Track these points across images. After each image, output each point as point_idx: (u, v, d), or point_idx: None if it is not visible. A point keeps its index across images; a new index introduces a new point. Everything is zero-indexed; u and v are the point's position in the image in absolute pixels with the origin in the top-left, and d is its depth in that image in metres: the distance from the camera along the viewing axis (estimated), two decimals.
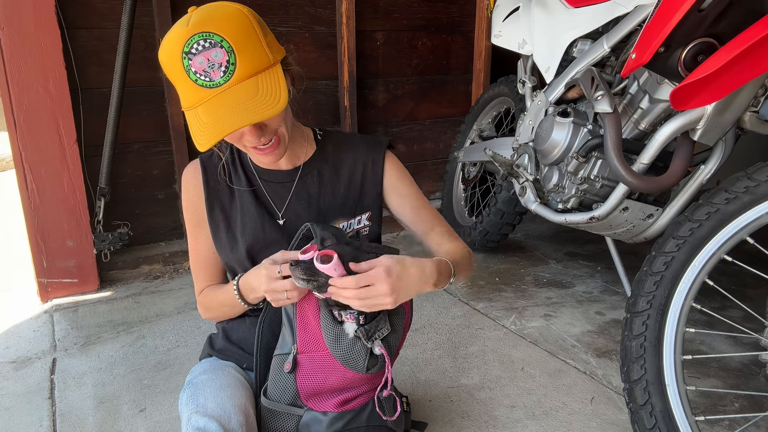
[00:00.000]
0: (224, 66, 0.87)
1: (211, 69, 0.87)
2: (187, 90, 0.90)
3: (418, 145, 3.11)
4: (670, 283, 1.22)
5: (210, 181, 1.13)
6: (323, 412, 1.05)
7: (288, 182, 1.13)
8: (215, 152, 1.15)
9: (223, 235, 1.13)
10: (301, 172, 1.13)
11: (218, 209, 1.13)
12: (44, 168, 2.04)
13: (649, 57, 1.23)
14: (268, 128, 0.96)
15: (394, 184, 1.18)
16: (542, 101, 1.88)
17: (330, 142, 1.17)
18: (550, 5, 1.94)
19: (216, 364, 1.16)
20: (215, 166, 1.14)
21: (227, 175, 1.13)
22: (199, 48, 0.86)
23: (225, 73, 0.87)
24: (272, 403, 1.07)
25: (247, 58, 0.89)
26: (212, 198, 1.13)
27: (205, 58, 0.87)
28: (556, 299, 2.17)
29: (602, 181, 1.67)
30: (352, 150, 1.16)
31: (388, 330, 1.02)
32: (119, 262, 2.33)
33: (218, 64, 0.87)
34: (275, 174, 1.13)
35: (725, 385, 1.61)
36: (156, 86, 2.32)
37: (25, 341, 1.87)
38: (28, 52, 1.94)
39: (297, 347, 1.06)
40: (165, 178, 2.44)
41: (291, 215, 1.12)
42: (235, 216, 1.13)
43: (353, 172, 1.15)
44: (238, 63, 0.88)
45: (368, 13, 2.75)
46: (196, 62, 0.87)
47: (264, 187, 1.13)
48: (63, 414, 1.49)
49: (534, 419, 1.47)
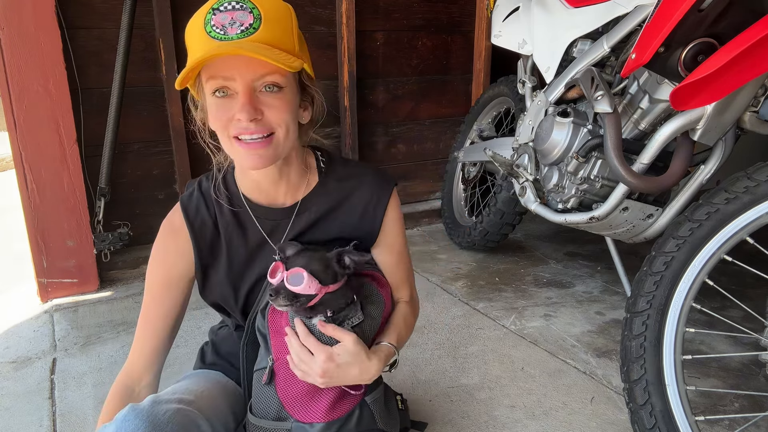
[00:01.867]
0: (245, 27, 0.83)
1: (231, 26, 0.83)
2: (197, 44, 0.85)
3: (418, 145, 3.11)
4: (670, 283, 1.22)
5: (195, 224, 1.04)
6: (310, 424, 1.01)
7: (285, 220, 1.05)
8: (195, 195, 1.05)
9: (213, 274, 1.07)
10: (298, 208, 1.05)
11: (207, 250, 1.06)
12: (44, 168, 2.04)
13: (649, 57, 1.23)
14: (266, 116, 0.89)
15: (389, 230, 1.11)
16: (542, 101, 1.88)
17: (333, 176, 1.07)
18: (550, 5, 1.94)
19: (203, 371, 1.17)
20: (196, 213, 1.04)
21: (214, 217, 1.05)
22: (229, 7, 0.84)
23: (242, 32, 0.83)
24: (259, 420, 1.04)
25: (273, 30, 0.85)
26: (200, 241, 1.05)
27: (229, 16, 0.84)
28: (556, 299, 2.17)
29: (602, 181, 1.67)
30: (356, 187, 1.07)
31: (360, 319, 1.00)
32: (119, 262, 2.33)
33: (240, 23, 0.83)
34: (272, 212, 1.05)
35: (725, 385, 1.61)
36: (156, 86, 2.32)
37: (25, 341, 1.87)
38: (28, 52, 1.94)
39: (272, 356, 1.03)
40: (165, 178, 2.44)
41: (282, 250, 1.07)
42: (219, 253, 1.06)
43: (351, 215, 1.08)
44: (261, 29, 0.84)
45: (368, 13, 2.75)
46: (219, 17, 0.84)
47: (260, 225, 1.05)
48: (63, 414, 1.49)
49: (534, 419, 1.47)
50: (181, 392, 1.00)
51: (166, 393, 0.99)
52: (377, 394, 1.09)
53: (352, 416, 1.03)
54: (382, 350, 1.02)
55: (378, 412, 1.08)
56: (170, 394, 0.97)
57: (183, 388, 1.03)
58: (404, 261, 1.17)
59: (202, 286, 1.09)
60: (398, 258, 1.15)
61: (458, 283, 2.33)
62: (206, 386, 1.07)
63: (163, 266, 1.07)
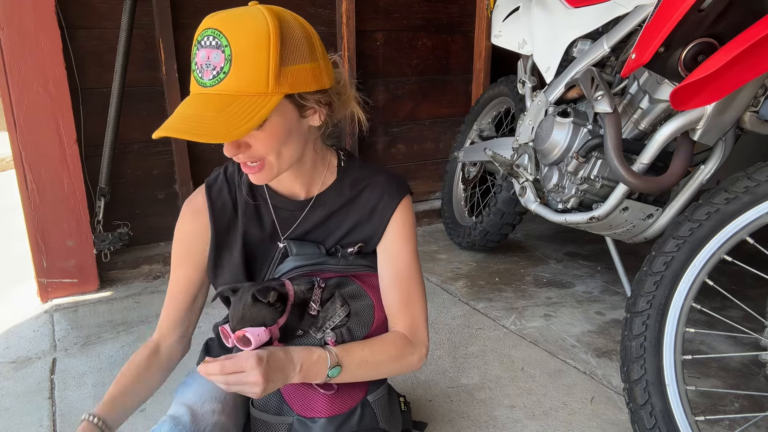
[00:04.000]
0: (216, 71, 0.86)
1: (207, 67, 0.86)
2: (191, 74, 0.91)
3: (418, 145, 3.11)
4: (670, 283, 1.22)
5: (216, 205, 1.09)
6: (311, 419, 1.03)
7: (298, 211, 1.09)
8: (220, 178, 1.11)
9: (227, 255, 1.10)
10: (312, 203, 1.08)
11: (222, 246, 1.10)
12: (44, 168, 2.04)
13: (649, 57, 1.23)
14: (253, 149, 0.92)
15: (392, 237, 1.09)
16: (542, 101, 1.88)
17: (349, 176, 1.10)
18: (550, 5, 1.94)
19: None
20: (218, 195, 1.09)
21: (234, 200, 1.10)
22: (207, 43, 0.86)
23: (213, 78, 0.86)
24: (260, 413, 1.06)
25: (241, 75, 0.85)
26: (217, 236, 1.09)
27: (206, 54, 0.86)
28: (556, 299, 2.17)
29: (602, 181, 1.67)
30: (368, 189, 1.09)
31: (340, 316, 1.00)
32: (119, 262, 2.33)
33: (213, 66, 0.86)
34: (288, 203, 1.09)
35: (725, 385, 1.61)
36: (156, 86, 2.32)
37: (25, 341, 1.87)
38: (28, 52, 1.94)
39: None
40: (165, 178, 2.44)
41: (291, 239, 1.10)
42: (236, 245, 1.10)
43: (360, 214, 1.09)
44: (229, 74, 0.85)
45: (368, 13, 2.75)
46: (200, 55, 0.87)
47: (274, 212, 1.09)
48: (63, 414, 1.49)
49: (534, 419, 1.47)
50: (209, 400, 1.03)
51: (196, 402, 1.02)
52: (379, 394, 1.10)
53: (353, 414, 1.05)
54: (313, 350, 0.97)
55: (380, 412, 1.09)
56: (201, 404, 1.01)
57: (209, 395, 1.04)
58: (405, 285, 1.08)
59: (214, 265, 1.11)
60: (397, 277, 1.08)
61: (458, 283, 2.33)
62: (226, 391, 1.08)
63: (183, 243, 1.11)
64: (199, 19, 0.90)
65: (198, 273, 1.12)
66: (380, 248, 1.10)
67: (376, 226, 1.09)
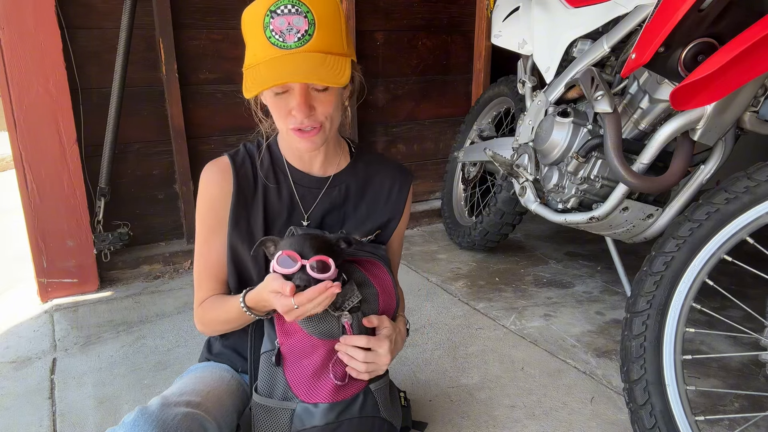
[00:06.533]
0: (301, 33, 0.92)
1: (288, 32, 0.91)
2: (257, 46, 0.94)
3: (418, 145, 3.11)
4: (670, 283, 1.22)
5: (239, 175, 1.12)
6: (314, 404, 1.05)
7: (316, 189, 1.14)
8: (241, 150, 1.15)
9: (244, 230, 1.12)
10: (330, 182, 1.15)
11: (242, 205, 1.12)
12: (44, 168, 2.04)
13: (649, 57, 1.23)
14: (317, 112, 0.98)
15: (404, 217, 1.23)
16: (542, 101, 1.88)
17: (362, 159, 1.19)
18: (550, 5, 1.94)
19: (209, 365, 1.19)
20: (242, 163, 1.13)
21: (255, 171, 1.13)
22: (285, 11, 0.91)
23: (299, 40, 0.92)
24: (264, 399, 1.07)
25: (325, 36, 0.93)
26: (239, 194, 1.11)
27: (286, 21, 0.91)
28: (556, 299, 2.17)
29: (602, 181, 1.67)
30: (381, 172, 1.20)
31: (358, 297, 1.04)
32: (119, 262, 2.33)
33: (296, 29, 0.92)
34: (307, 179, 1.14)
35: (725, 385, 1.61)
36: (156, 86, 2.32)
37: (25, 341, 1.87)
38: (28, 52, 1.94)
39: (278, 339, 1.08)
40: (165, 178, 2.44)
41: (315, 218, 1.15)
42: (256, 212, 1.12)
43: (378, 194, 1.19)
44: (315, 35, 0.92)
45: (368, 13, 2.75)
46: (277, 22, 0.92)
47: (295, 188, 1.14)
48: (63, 414, 1.49)
49: (534, 419, 1.47)
50: (188, 393, 1.03)
51: (174, 394, 1.01)
52: (381, 384, 1.12)
53: (356, 401, 1.07)
54: (401, 320, 1.18)
55: (381, 402, 1.11)
56: (178, 396, 1.00)
57: (190, 389, 1.05)
58: (396, 260, 1.28)
59: (231, 228, 1.12)
60: (400, 243, 1.27)
61: (458, 283, 2.33)
62: (212, 386, 1.09)
63: (211, 211, 1.12)
64: (200, 19, 0.91)
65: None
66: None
67: (394, 208, 1.19)
